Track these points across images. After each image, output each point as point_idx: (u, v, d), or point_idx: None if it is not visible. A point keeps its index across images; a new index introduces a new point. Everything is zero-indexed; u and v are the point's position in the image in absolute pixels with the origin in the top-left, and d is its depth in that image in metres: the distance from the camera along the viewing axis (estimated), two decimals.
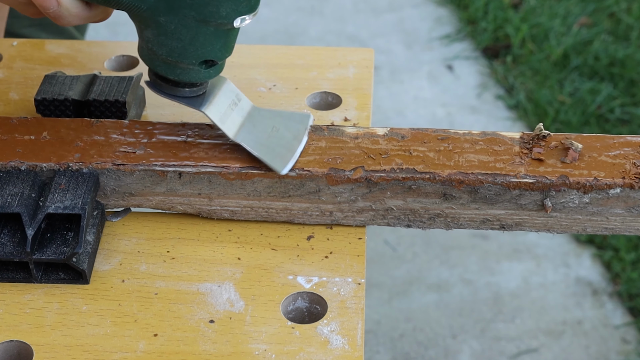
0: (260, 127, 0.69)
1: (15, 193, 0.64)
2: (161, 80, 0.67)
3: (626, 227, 0.67)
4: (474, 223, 0.68)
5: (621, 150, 0.67)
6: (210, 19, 0.62)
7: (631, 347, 1.62)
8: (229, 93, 0.70)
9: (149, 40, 0.64)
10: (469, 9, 2.46)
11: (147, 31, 0.64)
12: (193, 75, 0.66)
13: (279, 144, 0.67)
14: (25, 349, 0.60)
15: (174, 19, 0.62)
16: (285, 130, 0.69)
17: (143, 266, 0.66)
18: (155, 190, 0.68)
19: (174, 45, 0.63)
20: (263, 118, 0.70)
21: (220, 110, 0.68)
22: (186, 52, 0.64)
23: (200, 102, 0.68)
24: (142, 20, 0.64)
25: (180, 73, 0.65)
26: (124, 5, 0.62)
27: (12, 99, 0.80)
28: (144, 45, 0.65)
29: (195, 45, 0.63)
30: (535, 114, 2.10)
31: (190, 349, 0.60)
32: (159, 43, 0.64)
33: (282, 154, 0.67)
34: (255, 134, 0.68)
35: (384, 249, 1.81)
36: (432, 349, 1.62)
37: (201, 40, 0.63)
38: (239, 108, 0.70)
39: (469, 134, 0.69)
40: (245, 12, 0.62)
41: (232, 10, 0.61)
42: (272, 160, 0.66)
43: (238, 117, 0.69)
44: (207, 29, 0.62)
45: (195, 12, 0.61)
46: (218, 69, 0.67)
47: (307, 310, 0.63)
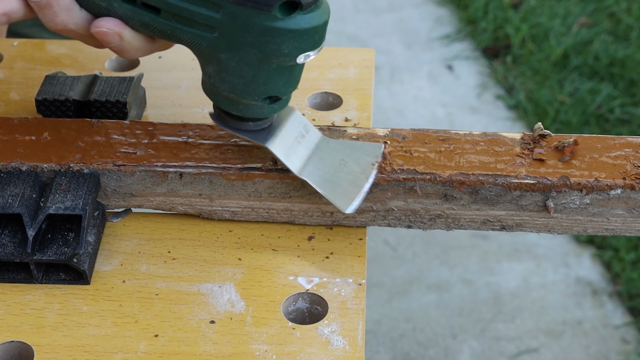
0: (327, 160, 0.66)
1: (16, 194, 0.64)
2: (225, 114, 0.65)
3: (627, 227, 0.67)
4: (474, 224, 0.68)
5: (622, 151, 0.67)
6: (272, 56, 0.59)
7: (631, 347, 1.62)
8: (296, 124, 0.67)
9: (211, 75, 0.63)
10: (469, 9, 2.46)
11: (209, 67, 0.62)
12: (256, 111, 0.64)
13: (346, 180, 0.65)
14: (26, 349, 0.60)
15: (235, 56, 0.60)
16: (354, 164, 0.66)
17: (144, 267, 0.66)
18: (156, 191, 0.68)
19: (236, 82, 0.61)
20: (331, 150, 0.67)
21: (285, 144, 0.66)
22: (248, 89, 0.62)
23: (265, 136, 0.65)
24: (203, 56, 0.62)
25: (243, 109, 0.63)
26: (185, 42, 0.61)
27: (13, 100, 0.80)
28: (206, 80, 0.64)
29: (258, 82, 0.61)
30: (535, 114, 2.10)
31: (191, 349, 0.60)
32: (220, 79, 0.62)
33: (349, 191, 0.65)
34: (322, 169, 0.66)
35: (384, 249, 1.81)
36: (432, 349, 1.62)
37: (263, 77, 0.61)
38: (306, 140, 0.67)
39: (470, 135, 0.69)
40: (308, 48, 0.60)
41: (294, 48, 0.59)
42: (336, 198, 0.64)
43: (304, 150, 0.67)
44: (270, 66, 0.60)
45: (256, 50, 0.59)
46: (282, 104, 0.65)
47: (308, 310, 0.63)
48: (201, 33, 0.60)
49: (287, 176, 0.66)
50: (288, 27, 0.58)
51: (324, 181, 0.65)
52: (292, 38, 0.59)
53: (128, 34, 0.61)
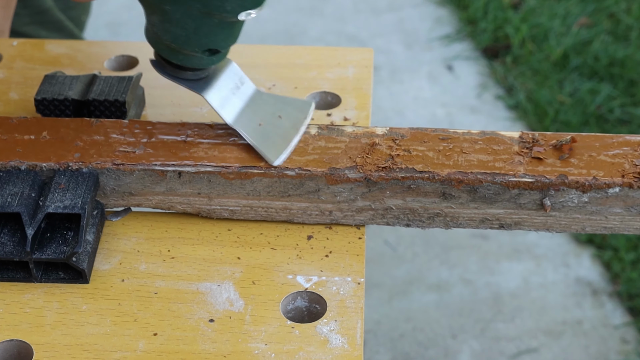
0: (260, 113, 0.69)
1: (15, 193, 0.64)
2: (165, 62, 0.67)
3: (625, 226, 0.67)
4: (473, 222, 0.68)
5: (620, 150, 0.67)
6: (215, 11, 0.62)
7: (631, 347, 1.62)
8: (232, 76, 0.70)
9: (155, 24, 0.65)
10: (469, 9, 2.46)
11: (153, 16, 0.64)
12: (195, 62, 0.66)
13: (277, 133, 0.67)
14: (25, 348, 0.60)
15: (179, 9, 0.62)
16: (286, 117, 0.69)
17: (143, 265, 0.66)
18: (154, 190, 0.68)
19: (178, 33, 0.64)
20: (265, 104, 0.70)
21: (221, 94, 0.68)
22: (190, 41, 0.64)
23: (202, 86, 0.68)
24: (148, 5, 0.64)
25: (183, 59, 0.66)
26: None
27: (12, 99, 0.80)
28: (150, 28, 0.66)
29: (199, 34, 0.63)
30: (535, 114, 2.10)
31: (190, 348, 0.60)
32: (163, 29, 0.64)
33: (278, 144, 0.67)
34: (254, 121, 0.68)
35: (384, 249, 1.81)
36: (432, 349, 1.62)
37: (205, 30, 0.63)
38: (241, 92, 0.70)
39: (469, 134, 0.69)
40: (250, 6, 0.62)
41: (237, 4, 0.61)
42: (266, 149, 0.66)
43: (239, 102, 0.69)
44: (212, 20, 0.62)
45: (200, 5, 0.61)
46: (221, 57, 0.67)
47: (307, 309, 0.63)
48: None
49: (285, 175, 0.66)
50: None
51: (255, 133, 0.67)
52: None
53: None
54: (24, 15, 1.08)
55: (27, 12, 1.08)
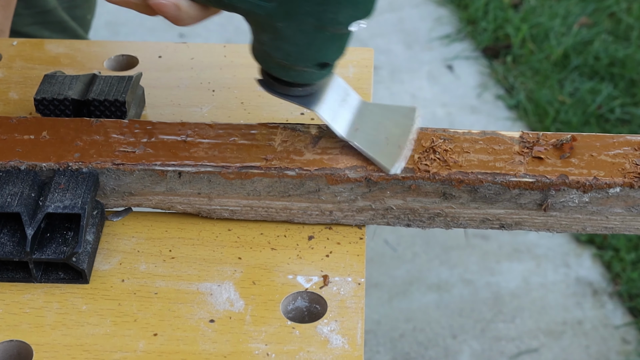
0: (369, 124, 0.68)
1: (15, 193, 0.64)
2: (274, 80, 0.66)
3: (626, 226, 0.67)
4: (473, 222, 0.68)
5: (621, 150, 0.67)
6: (328, 24, 0.61)
7: (631, 347, 1.61)
8: (338, 89, 0.69)
9: (265, 43, 0.63)
10: (469, 9, 2.46)
11: (263, 35, 0.63)
12: (307, 77, 0.65)
13: (388, 141, 0.67)
14: (25, 348, 0.60)
15: (292, 25, 0.61)
16: (394, 126, 0.68)
17: (143, 266, 0.66)
18: (154, 190, 0.68)
19: (291, 50, 0.63)
20: (372, 114, 0.69)
21: (330, 108, 0.68)
22: (302, 56, 0.63)
23: (312, 101, 0.67)
24: (258, 24, 0.63)
25: (294, 75, 0.65)
26: (242, 10, 0.62)
27: (12, 99, 0.80)
28: (258, 47, 0.64)
29: (312, 49, 0.63)
30: (536, 114, 2.10)
31: (190, 348, 0.60)
32: (275, 47, 0.63)
33: (392, 152, 0.66)
34: (365, 132, 0.67)
35: (384, 249, 1.81)
36: (432, 349, 1.62)
37: (317, 44, 0.62)
38: (348, 104, 0.69)
39: (469, 134, 0.69)
40: (361, 16, 0.61)
41: (349, 15, 0.61)
42: (382, 159, 0.66)
43: (347, 114, 0.68)
44: (324, 34, 0.62)
45: (313, 19, 0.60)
46: (330, 70, 0.66)
47: (307, 309, 0.63)
48: (260, 2, 0.61)
49: (285, 175, 0.66)
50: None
51: (369, 143, 0.67)
52: (348, 6, 0.60)
53: (184, 3, 0.62)
54: (26, 15, 1.07)
55: (29, 12, 1.07)
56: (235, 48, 0.86)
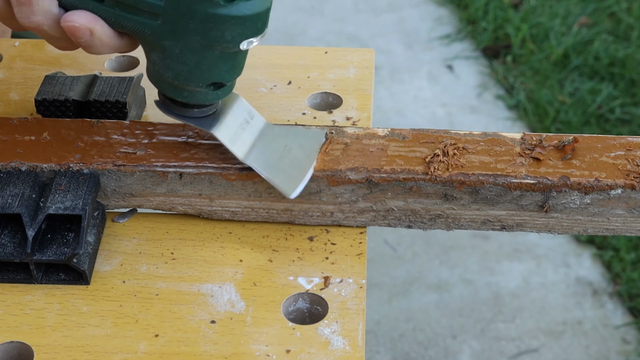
0: (272, 146, 0.67)
1: (16, 194, 0.64)
2: (170, 102, 0.66)
3: (627, 227, 0.67)
4: (475, 224, 0.68)
5: (622, 151, 0.67)
6: (215, 43, 0.60)
7: (631, 347, 1.61)
8: (241, 111, 0.68)
9: (155, 62, 0.63)
10: (469, 9, 2.45)
11: (153, 54, 0.63)
12: (200, 98, 0.64)
13: (291, 165, 0.66)
14: (25, 349, 0.60)
15: (179, 43, 0.61)
16: (298, 149, 0.67)
17: (144, 267, 0.66)
18: (156, 191, 0.68)
19: (180, 69, 0.62)
20: (276, 137, 0.68)
21: (230, 130, 0.67)
22: (192, 76, 0.62)
23: (210, 123, 0.66)
24: (147, 43, 0.63)
25: (187, 95, 0.64)
26: (128, 29, 0.62)
27: (13, 100, 0.80)
28: (150, 67, 0.64)
29: (201, 68, 0.62)
30: (536, 114, 2.10)
31: (191, 349, 0.60)
32: (164, 66, 0.63)
33: (293, 176, 0.65)
34: (267, 155, 0.66)
35: (384, 249, 1.81)
36: (432, 349, 1.62)
37: (207, 63, 0.62)
38: (251, 126, 0.68)
39: (470, 135, 0.69)
40: (251, 35, 0.61)
41: (237, 34, 0.60)
42: (282, 183, 0.65)
43: (249, 137, 0.67)
44: (213, 52, 0.61)
45: (199, 37, 0.60)
46: (227, 90, 0.65)
47: (308, 311, 0.63)
48: (145, 20, 0.61)
49: None
50: (231, 14, 0.59)
51: (269, 166, 0.66)
52: (235, 24, 0.59)
53: (99, 29, 0.61)
54: None
55: None
56: None
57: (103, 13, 0.61)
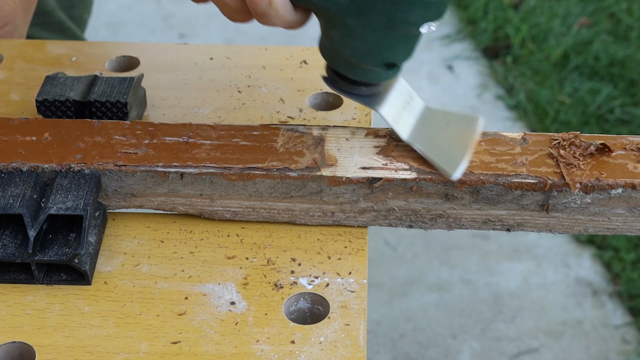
0: (432, 128, 0.68)
1: (17, 194, 0.64)
2: (339, 78, 0.66)
3: (628, 227, 0.67)
4: (475, 223, 0.68)
5: (622, 151, 0.67)
6: (399, 24, 0.61)
7: (631, 347, 1.62)
8: (402, 92, 0.69)
9: (334, 39, 0.63)
10: (469, 9, 2.46)
11: (333, 31, 0.63)
12: (373, 76, 0.65)
13: (450, 147, 0.67)
14: (27, 350, 0.60)
15: (363, 22, 0.61)
16: (456, 132, 0.68)
17: (145, 267, 0.66)
18: (157, 191, 0.68)
19: (359, 47, 0.63)
20: (435, 119, 0.69)
21: (394, 110, 0.68)
22: (370, 55, 0.63)
23: (375, 101, 0.67)
24: (329, 20, 0.63)
25: (361, 73, 0.65)
26: (314, 5, 0.62)
27: (13, 100, 0.80)
28: (327, 44, 0.65)
29: (380, 48, 0.62)
30: (535, 114, 2.10)
31: (193, 349, 0.60)
32: (344, 44, 0.63)
33: (453, 157, 0.66)
34: (427, 136, 0.67)
35: (384, 249, 1.81)
36: (432, 349, 1.62)
37: (387, 44, 0.62)
38: (412, 108, 0.69)
39: None
40: (433, 18, 0.61)
41: (421, 17, 0.61)
42: (444, 163, 0.65)
43: (411, 118, 0.68)
44: (394, 33, 0.61)
45: (385, 17, 0.60)
46: (397, 71, 0.66)
47: (309, 311, 0.63)
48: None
49: (287, 176, 0.66)
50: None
51: (431, 147, 0.67)
52: (420, 7, 0.60)
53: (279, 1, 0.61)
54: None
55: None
56: (237, 49, 0.87)
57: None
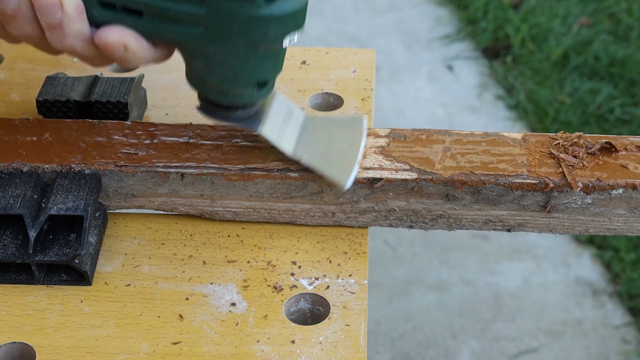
0: (317, 138, 0.68)
1: (18, 194, 0.64)
2: (213, 106, 0.66)
3: (628, 227, 0.67)
4: (476, 224, 0.68)
5: (623, 151, 0.67)
6: (260, 43, 0.60)
7: (631, 347, 1.62)
8: (281, 107, 0.69)
9: (198, 69, 0.63)
10: (469, 9, 2.46)
11: (196, 61, 0.63)
12: (247, 98, 0.65)
13: (339, 155, 0.66)
14: (27, 350, 0.60)
15: (223, 48, 0.61)
16: (342, 138, 0.67)
17: (145, 267, 0.66)
18: (157, 192, 0.68)
19: (225, 73, 0.62)
20: (318, 128, 0.69)
21: (275, 127, 0.67)
22: (238, 78, 0.63)
23: (255, 123, 0.66)
24: (189, 51, 0.62)
25: (233, 97, 0.64)
26: (171, 40, 0.62)
27: (14, 100, 0.80)
28: (193, 75, 0.64)
29: (246, 70, 0.62)
30: (535, 114, 2.10)
31: (193, 350, 0.60)
32: (208, 72, 0.63)
33: (344, 165, 0.65)
34: (313, 147, 0.67)
35: (384, 249, 1.81)
36: (432, 349, 1.62)
37: (252, 64, 0.62)
38: (293, 120, 0.68)
39: (471, 135, 0.69)
40: (292, 29, 0.61)
41: (280, 32, 0.60)
42: (334, 173, 0.65)
43: (293, 131, 0.68)
44: (257, 52, 0.61)
45: (243, 39, 0.60)
46: (270, 88, 0.66)
47: (310, 311, 0.63)
48: (187, 30, 0.60)
49: (288, 177, 0.66)
50: (273, 13, 0.59)
51: (318, 158, 0.66)
52: (277, 23, 0.60)
53: (133, 42, 0.61)
54: None
55: None
56: None
57: (142, 27, 0.61)
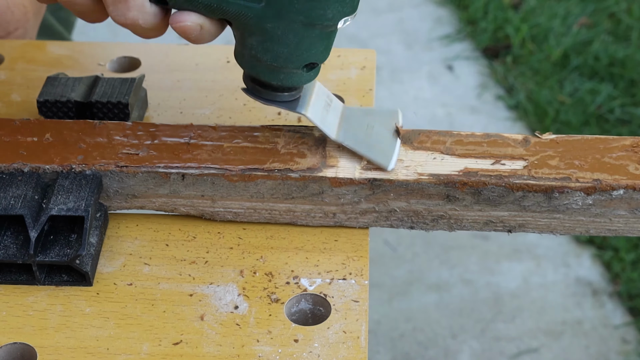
0: (356, 125, 0.69)
1: (19, 195, 0.64)
2: (260, 86, 0.67)
3: (629, 228, 0.67)
4: (477, 224, 0.68)
5: (624, 152, 0.67)
6: (317, 22, 0.61)
7: (631, 347, 1.62)
8: (321, 94, 0.70)
9: (253, 47, 0.63)
10: (469, 9, 2.46)
11: (251, 38, 0.63)
12: (296, 79, 0.65)
13: (379, 140, 0.68)
14: (28, 351, 0.60)
15: (281, 24, 0.61)
16: (380, 126, 0.69)
17: (146, 268, 0.66)
18: (158, 192, 0.68)
19: (280, 51, 0.63)
20: (356, 117, 0.70)
21: (318, 112, 0.68)
22: (291, 57, 0.63)
23: (300, 105, 0.68)
24: (246, 27, 0.63)
25: (283, 78, 0.65)
26: (231, 14, 0.62)
27: (14, 101, 0.80)
28: (245, 53, 0.64)
29: (301, 49, 0.63)
30: (536, 114, 2.10)
31: (194, 351, 0.60)
32: (264, 49, 0.63)
33: (384, 150, 0.67)
34: (354, 133, 0.69)
35: (384, 249, 1.81)
36: (432, 349, 1.62)
37: (306, 43, 0.63)
38: (333, 108, 0.70)
39: (472, 136, 0.69)
40: (348, 12, 0.62)
41: (337, 12, 0.61)
42: (376, 156, 0.67)
43: (334, 118, 0.69)
44: (313, 32, 0.62)
45: (303, 16, 0.61)
46: (317, 72, 0.67)
47: (311, 312, 0.63)
48: (248, 4, 0.61)
49: (289, 177, 0.66)
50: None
51: (360, 143, 0.68)
52: (336, 3, 0.61)
53: (207, 23, 0.62)
54: None
55: None
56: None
57: (205, 1, 0.62)
